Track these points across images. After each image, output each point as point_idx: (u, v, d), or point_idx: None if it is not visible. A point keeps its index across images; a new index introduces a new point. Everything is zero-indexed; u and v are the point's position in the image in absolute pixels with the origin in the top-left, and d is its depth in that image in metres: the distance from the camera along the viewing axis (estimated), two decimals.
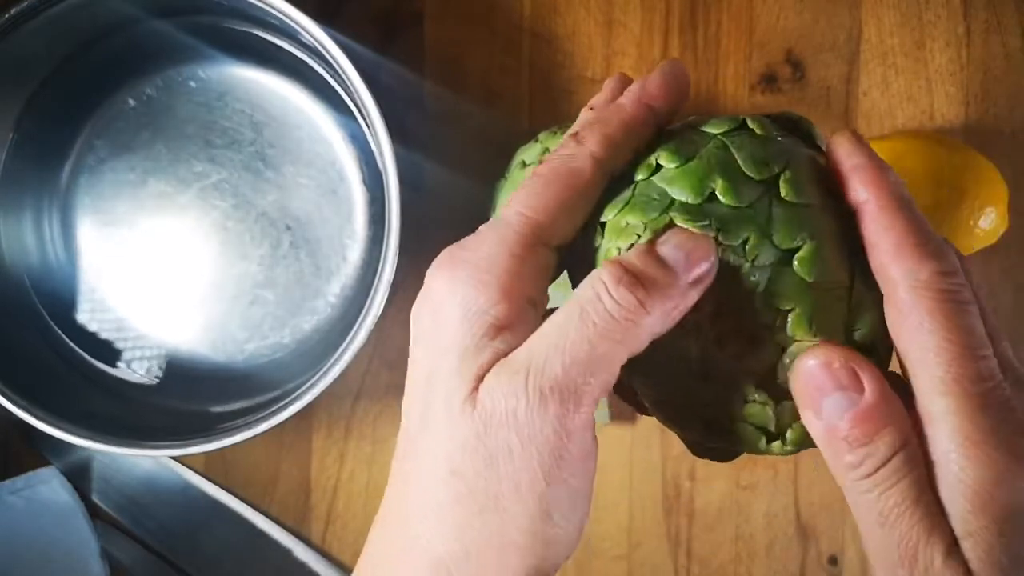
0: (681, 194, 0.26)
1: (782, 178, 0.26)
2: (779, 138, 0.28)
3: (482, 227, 0.27)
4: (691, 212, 0.26)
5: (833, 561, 0.53)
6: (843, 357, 0.24)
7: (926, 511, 0.23)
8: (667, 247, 0.25)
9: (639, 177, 0.27)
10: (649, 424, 0.53)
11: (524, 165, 0.47)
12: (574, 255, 0.28)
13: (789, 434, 0.26)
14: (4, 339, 0.49)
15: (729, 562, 0.53)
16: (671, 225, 0.26)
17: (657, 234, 0.25)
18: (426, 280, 0.26)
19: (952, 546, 0.23)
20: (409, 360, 0.27)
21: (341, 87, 0.51)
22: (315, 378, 0.45)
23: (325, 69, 0.51)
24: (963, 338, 0.23)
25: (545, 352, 0.24)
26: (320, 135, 0.52)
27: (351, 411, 0.54)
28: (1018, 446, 0.23)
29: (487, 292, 0.25)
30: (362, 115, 0.49)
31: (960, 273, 0.24)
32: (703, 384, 0.27)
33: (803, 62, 0.52)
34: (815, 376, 0.24)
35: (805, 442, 0.26)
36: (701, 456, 0.29)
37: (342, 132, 0.51)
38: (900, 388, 0.25)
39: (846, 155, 0.26)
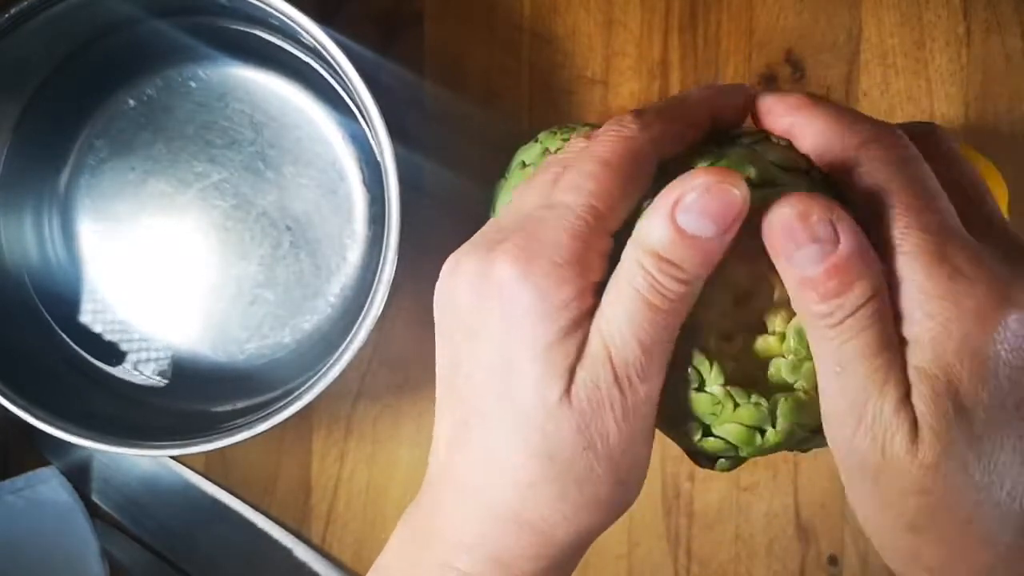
0: None
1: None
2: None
3: (543, 212, 0.26)
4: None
5: (833, 561, 0.53)
6: (821, 209, 0.23)
7: (884, 362, 0.23)
8: (689, 217, 0.24)
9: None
10: None
11: (524, 165, 0.47)
12: None
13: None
14: (4, 339, 0.49)
15: (729, 562, 0.53)
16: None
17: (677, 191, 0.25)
18: (486, 268, 0.26)
19: (904, 397, 0.23)
20: (462, 351, 0.27)
21: (341, 87, 0.51)
22: (315, 378, 0.45)
23: (325, 69, 0.51)
24: (919, 186, 0.24)
25: (622, 340, 0.25)
26: (320, 135, 0.52)
27: (351, 411, 0.54)
28: (974, 300, 0.23)
29: (567, 287, 0.25)
30: (362, 115, 0.49)
31: (904, 140, 0.25)
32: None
33: (803, 62, 0.52)
34: (790, 227, 0.23)
35: (796, 433, 0.26)
36: (702, 466, 0.29)
37: (342, 132, 0.51)
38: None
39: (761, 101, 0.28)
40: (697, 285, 0.25)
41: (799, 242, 0.23)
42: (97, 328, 0.53)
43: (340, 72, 0.44)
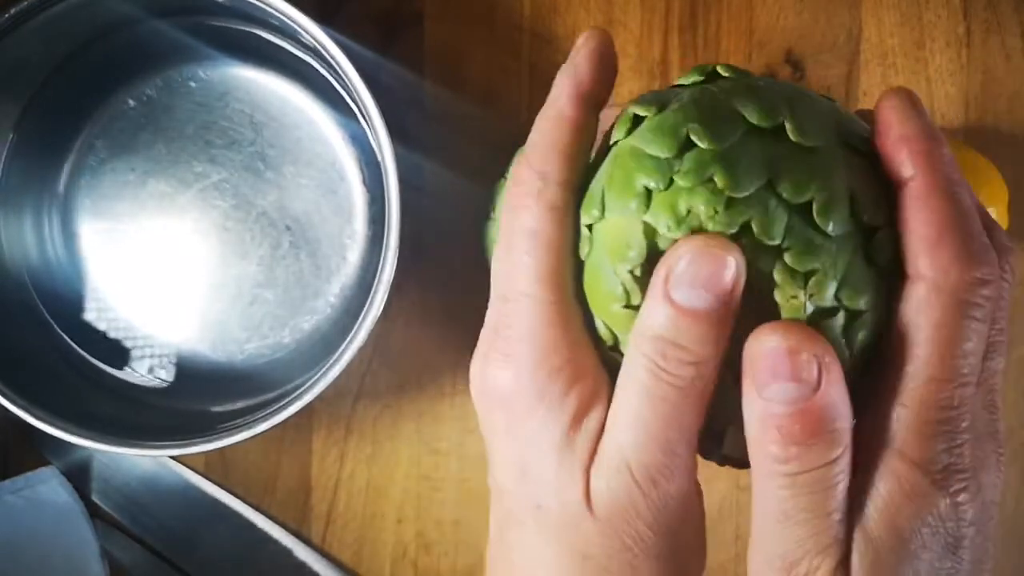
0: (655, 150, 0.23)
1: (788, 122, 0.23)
2: (760, 83, 0.25)
3: (501, 308, 0.25)
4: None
5: None
6: (814, 349, 0.21)
7: (830, 524, 0.22)
8: (681, 292, 0.22)
9: (611, 145, 0.25)
10: None
11: None
12: None
13: None
14: (4, 339, 0.49)
15: (729, 562, 0.53)
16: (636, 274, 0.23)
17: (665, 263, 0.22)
18: (484, 377, 0.25)
19: (843, 560, 0.22)
20: (491, 450, 0.26)
21: (341, 87, 0.51)
22: (315, 378, 0.45)
23: (325, 69, 0.51)
24: (952, 362, 0.22)
25: (636, 443, 0.23)
26: (320, 135, 0.52)
27: (351, 411, 0.54)
28: (944, 482, 0.22)
29: (560, 376, 0.24)
30: (362, 115, 0.49)
31: (994, 283, 0.22)
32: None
33: (803, 62, 0.52)
34: (775, 358, 0.21)
35: None
36: (721, 464, 0.28)
37: (342, 132, 0.51)
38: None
39: (898, 120, 0.24)
40: (709, 367, 0.23)
41: (779, 377, 0.21)
42: (97, 328, 0.53)
43: (340, 72, 0.44)
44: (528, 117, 0.53)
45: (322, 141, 0.52)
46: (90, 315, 0.53)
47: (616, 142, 0.25)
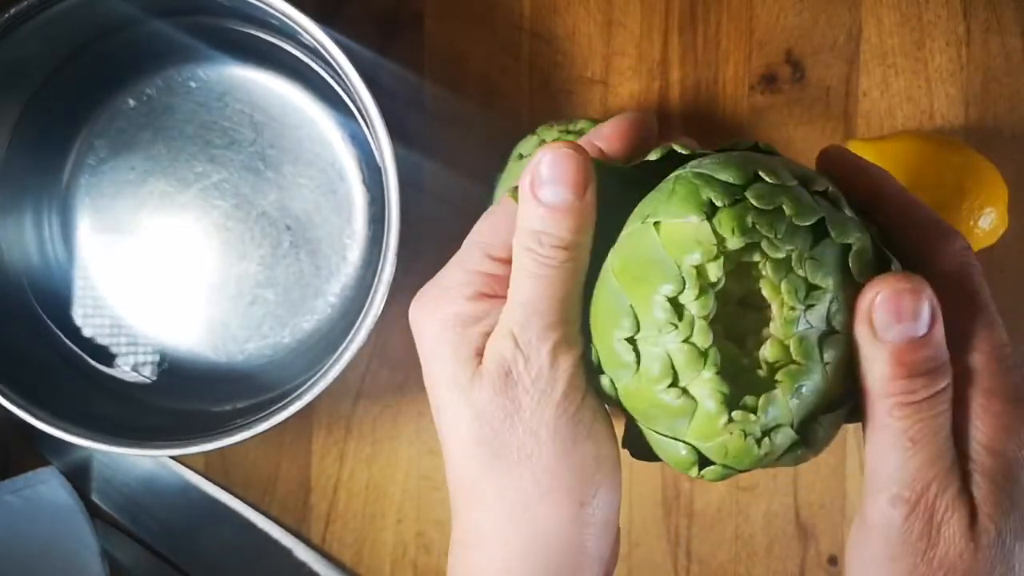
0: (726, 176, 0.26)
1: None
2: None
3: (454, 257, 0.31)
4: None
5: (833, 561, 0.53)
6: (930, 294, 0.25)
7: (949, 447, 0.25)
8: (546, 191, 0.27)
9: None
10: None
11: (521, 157, 0.48)
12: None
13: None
14: (4, 339, 0.49)
15: (729, 562, 0.53)
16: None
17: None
18: (410, 320, 0.30)
19: (964, 484, 0.25)
20: (427, 387, 0.30)
21: (341, 87, 0.51)
22: (315, 378, 0.45)
23: (325, 69, 0.51)
24: (990, 309, 0.27)
25: (520, 313, 0.27)
26: (320, 135, 0.52)
27: (351, 411, 0.54)
28: None
29: (457, 295, 0.29)
30: (362, 115, 0.49)
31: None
32: None
33: (803, 62, 0.52)
34: (899, 300, 0.25)
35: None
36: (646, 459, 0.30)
37: (342, 132, 0.51)
38: None
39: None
40: (579, 250, 0.27)
41: (904, 317, 0.25)
42: (96, 328, 0.53)
43: (340, 72, 0.44)
44: (528, 117, 0.53)
45: (322, 141, 0.52)
46: (89, 315, 0.53)
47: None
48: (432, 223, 0.51)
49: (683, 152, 0.28)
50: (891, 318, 0.25)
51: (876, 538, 0.25)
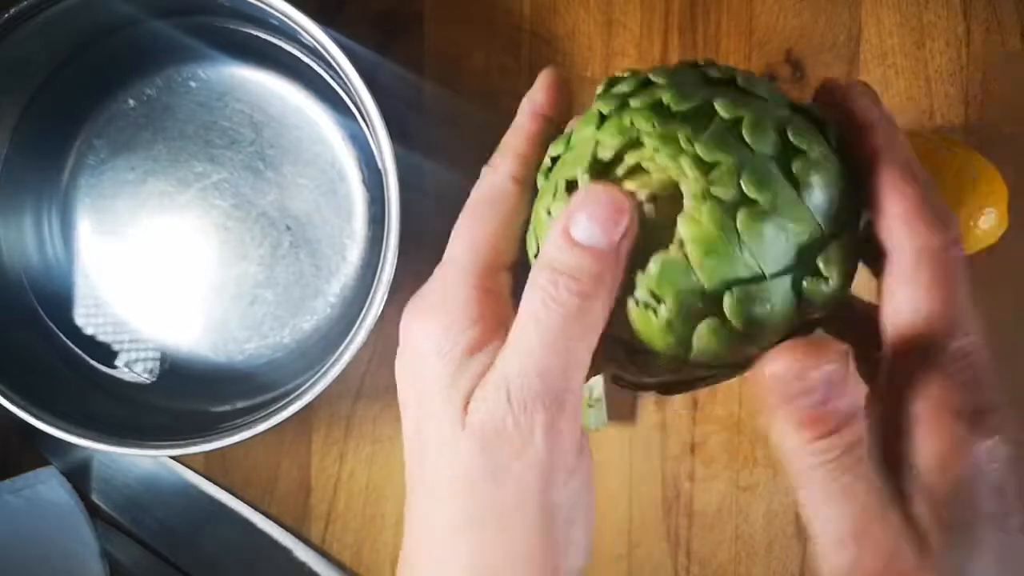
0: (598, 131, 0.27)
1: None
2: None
3: (436, 271, 0.28)
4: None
5: None
6: (820, 362, 0.24)
7: (878, 483, 0.24)
8: (579, 228, 0.25)
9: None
10: (648, 425, 0.53)
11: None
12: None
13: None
14: (4, 339, 0.49)
15: (729, 562, 0.53)
16: (574, 186, 0.26)
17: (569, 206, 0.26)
18: (400, 335, 0.28)
19: (906, 507, 0.24)
20: (402, 414, 0.28)
21: (341, 87, 0.51)
22: (315, 378, 0.45)
23: (325, 69, 0.51)
24: (954, 311, 0.25)
25: (519, 364, 0.25)
26: (320, 135, 0.52)
27: (351, 411, 0.54)
28: (976, 421, 0.24)
29: (456, 324, 0.26)
30: (362, 115, 0.49)
31: (961, 245, 0.25)
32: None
33: (803, 62, 0.52)
34: (786, 383, 0.24)
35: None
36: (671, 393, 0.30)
37: (342, 132, 0.51)
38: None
39: (866, 107, 0.27)
40: (596, 303, 0.25)
41: (793, 397, 0.24)
42: (96, 328, 0.53)
43: (340, 72, 0.44)
44: None
45: (322, 141, 0.52)
46: (89, 315, 0.53)
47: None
48: (432, 223, 0.51)
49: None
50: (788, 393, 0.24)
51: None
